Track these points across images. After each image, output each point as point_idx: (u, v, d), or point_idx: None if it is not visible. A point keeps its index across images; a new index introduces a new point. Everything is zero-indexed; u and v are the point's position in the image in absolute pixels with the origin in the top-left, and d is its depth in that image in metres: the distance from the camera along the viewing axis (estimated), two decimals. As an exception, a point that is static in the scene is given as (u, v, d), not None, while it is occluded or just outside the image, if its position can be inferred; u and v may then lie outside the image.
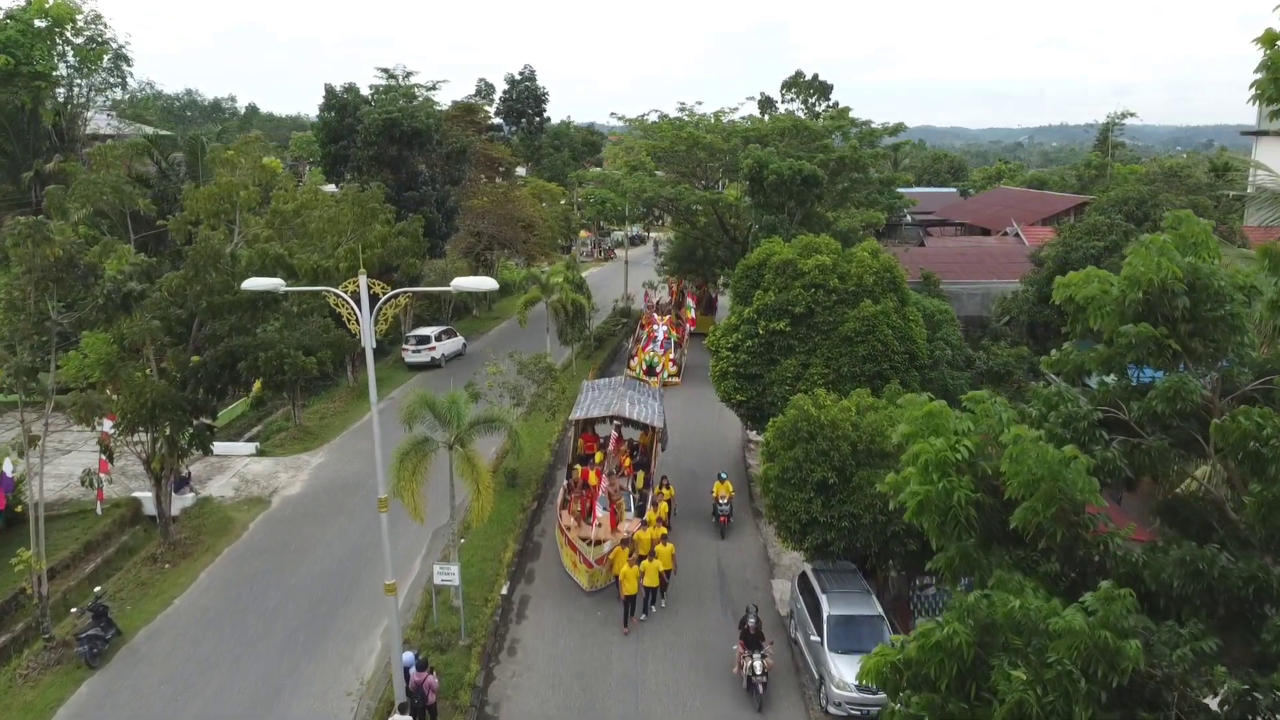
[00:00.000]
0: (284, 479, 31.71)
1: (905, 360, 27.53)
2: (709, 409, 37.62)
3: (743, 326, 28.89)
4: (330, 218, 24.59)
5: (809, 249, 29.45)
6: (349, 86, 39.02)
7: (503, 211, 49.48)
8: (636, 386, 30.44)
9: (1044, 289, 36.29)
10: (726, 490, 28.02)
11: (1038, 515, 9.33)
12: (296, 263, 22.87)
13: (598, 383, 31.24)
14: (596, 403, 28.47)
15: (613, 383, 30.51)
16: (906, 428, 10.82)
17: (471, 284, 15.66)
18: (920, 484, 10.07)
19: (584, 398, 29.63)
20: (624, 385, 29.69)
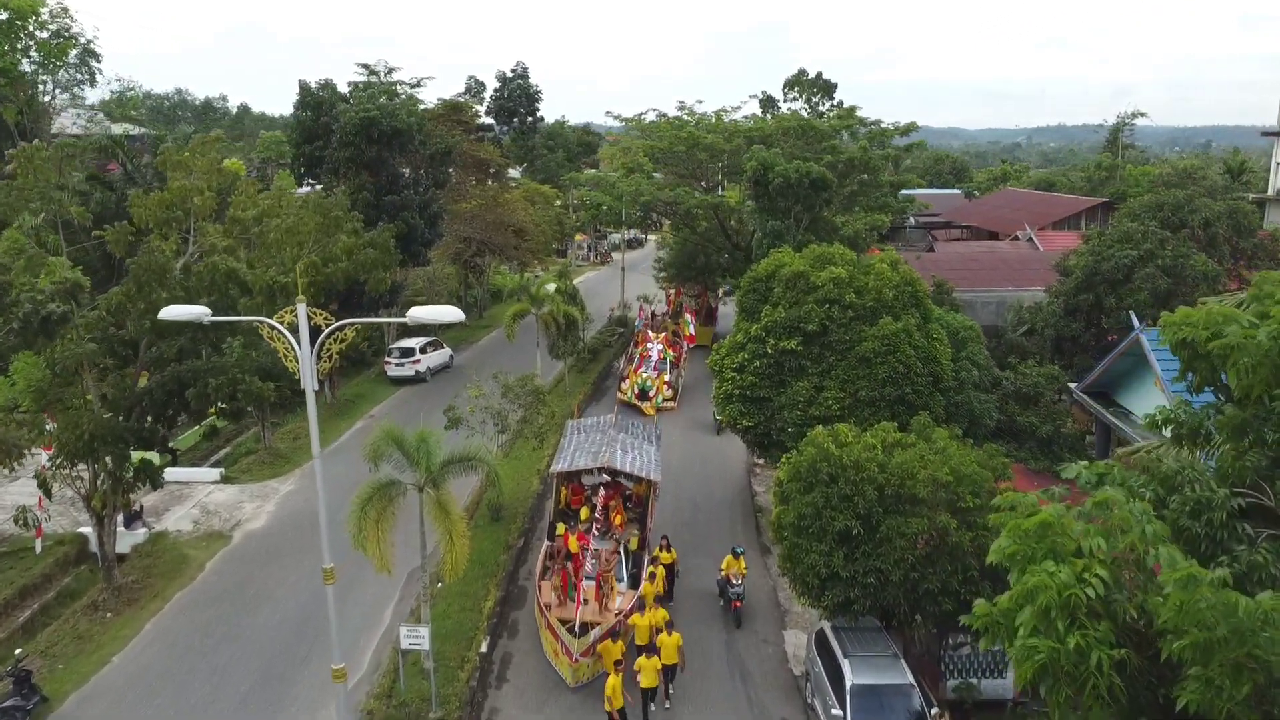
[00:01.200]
0: (248, 510, 29.10)
1: (929, 383, 24.98)
2: (710, 429, 35.08)
3: (749, 345, 26.33)
4: (289, 227, 22.04)
5: (822, 260, 26.89)
6: (325, 83, 36.43)
7: (491, 216, 46.86)
8: (629, 428, 26.55)
9: (1071, 300, 33.80)
10: (739, 569, 22.57)
11: (1224, 698, 6.46)
12: (251, 279, 20.25)
13: (584, 423, 27.40)
14: (582, 449, 24.54)
15: (601, 423, 26.57)
16: (1010, 543, 8.14)
17: (431, 314, 13.07)
18: (1039, 638, 7.04)
19: (568, 442, 25.68)
20: (614, 427, 25.64)
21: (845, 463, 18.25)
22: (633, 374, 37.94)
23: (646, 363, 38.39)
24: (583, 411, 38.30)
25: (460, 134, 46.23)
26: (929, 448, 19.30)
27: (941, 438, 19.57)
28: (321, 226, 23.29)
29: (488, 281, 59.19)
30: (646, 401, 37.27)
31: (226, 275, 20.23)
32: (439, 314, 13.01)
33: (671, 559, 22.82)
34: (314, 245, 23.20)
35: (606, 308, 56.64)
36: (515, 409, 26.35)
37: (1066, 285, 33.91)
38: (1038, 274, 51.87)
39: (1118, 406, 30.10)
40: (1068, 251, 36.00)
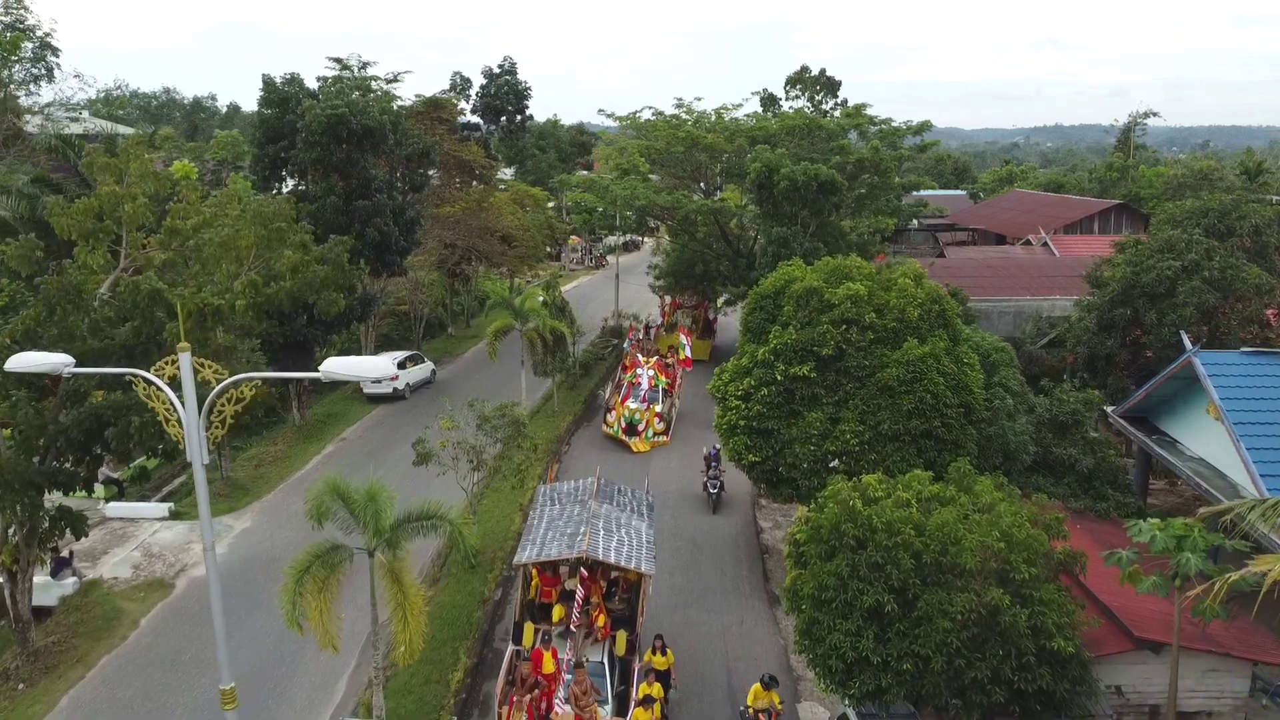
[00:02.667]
0: (196, 552, 26.05)
1: (960, 415, 22.05)
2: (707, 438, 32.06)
3: (756, 370, 23.41)
4: (222, 240, 19.09)
5: (837, 274, 23.97)
6: (291, 77, 33.44)
7: (475, 221, 43.84)
8: (614, 495, 21.59)
9: (1106, 315, 30.90)
10: (772, 702, 17.33)
11: None
12: (179, 301, 17.30)
13: (558, 490, 22.07)
14: (555, 530, 19.31)
15: (579, 489, 21.46)
16: None
17: (350, 370, 10.08)
18: None
19: (538, 516, 20.53)
20: (596, 496, 20.56)
21: (875, 524, 15.31)
22: (619, 405, 33.72)
23: (635, 391, 34.18)
24: (571, 437, 35.31)
25: (443, 133, 43.26)
26: (971, 502, 16.38)
27: (986, 490, 16.64)
28: (263, 239, 20.36)
29: (476, 288, 56.17)
30: (635, 437, 33.12)
31: (150, 296, 17.25)
32: (361, 369, 10.04)
33: (668, 664, 18.53)
34: (255, 261, 20.31)
35: (600, 317, 53.65)
36: (492, 443, 23.36)
37: (1100, 298, 31.01)
38: (1056, 282, 49.06)
39: (1161, 434, 27.23)
40: (1099, 261, 33.06)
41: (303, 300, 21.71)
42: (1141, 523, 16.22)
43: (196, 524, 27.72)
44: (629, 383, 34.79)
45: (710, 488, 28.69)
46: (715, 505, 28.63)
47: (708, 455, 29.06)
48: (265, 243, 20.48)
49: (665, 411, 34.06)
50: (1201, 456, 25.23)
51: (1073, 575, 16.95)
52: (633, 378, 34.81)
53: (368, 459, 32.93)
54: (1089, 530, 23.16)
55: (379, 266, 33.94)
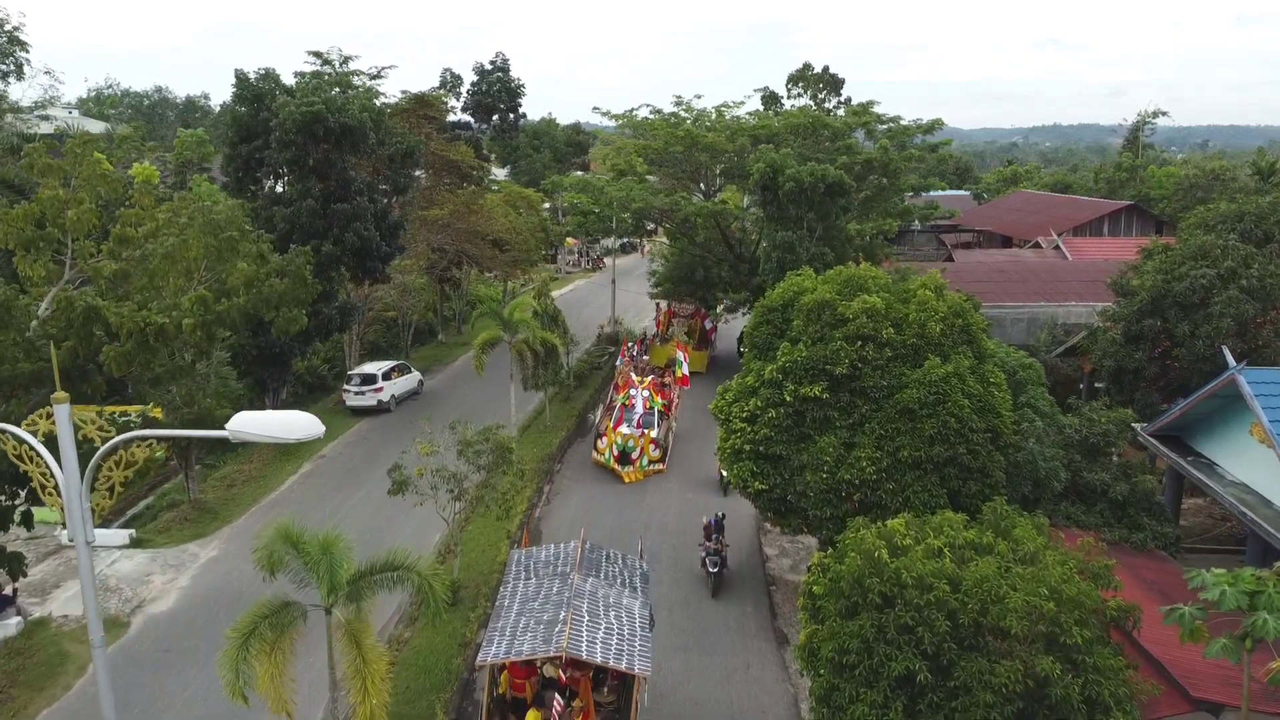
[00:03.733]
0: (157, 585, 24.13)
1: (986, 440, 20.10)
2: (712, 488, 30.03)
3: (763, 390, 21.45)
4: (168, 251, 17.13)
5: (851, 285, 22.03)
6: (266, 72, 31.44)
7: (463, 225, 41.83)
8: (601, 564, 18.05)
9: (1134, 326, 28.96)
10: None
11: None
12: (120, 320, 15.35)
13: (535, 557, 18.43)
14: (529, 614, 15.89)
15: (560, 557, 18.13)
16: None
17: (263, 430, 8.10)
18: None
19: (509, 595, 16.99)
20: (580, 567, 17.24)
21: (904, 579, 13.35)
22: (610, 430, 30.55)
23: (628, 415, 30.92)
24: (564, 454, 33.30)
25: (430, 132, 41.28)
26: (1011, 549, 14.43)
27: (1027, 536, 14.69)
28: (213, 250, 18.40)
29: (467, 293, 54.19)
30: (628, 466, 30.07)
31: (85, 314, 15.30)
32: (277, 427, 8.05)
33: None
34: (206, 274, 18.36)
35: (595, 324, 51.69)
36: (475, 470, 21.38)
37: (1127, 308, 29.05)
38: (1070, 287, 47.15)
39: (1196, 455, 25.31)
40: (1125, 267, 31.13)
41: (258, 317, 19.74)
42: (1205, 574, 14.28)
43: (159, 553, 25.83)
44: (622, 405, 31.74)
45: (710, 565, 23.46)
46: (715, 588, 23.50)
47: (707, 525, 24.30)
48: (216, 254, 18.52)
49: (661, 437, 31.05)
50: (1244, 482, 23.34)
51: (1124, 630, 15.02)
52: (625, 399, 31.73)
53: (347, 479, 31.00)
54: (1127, 566, 21.21)
55: (360, 273, 31.93)
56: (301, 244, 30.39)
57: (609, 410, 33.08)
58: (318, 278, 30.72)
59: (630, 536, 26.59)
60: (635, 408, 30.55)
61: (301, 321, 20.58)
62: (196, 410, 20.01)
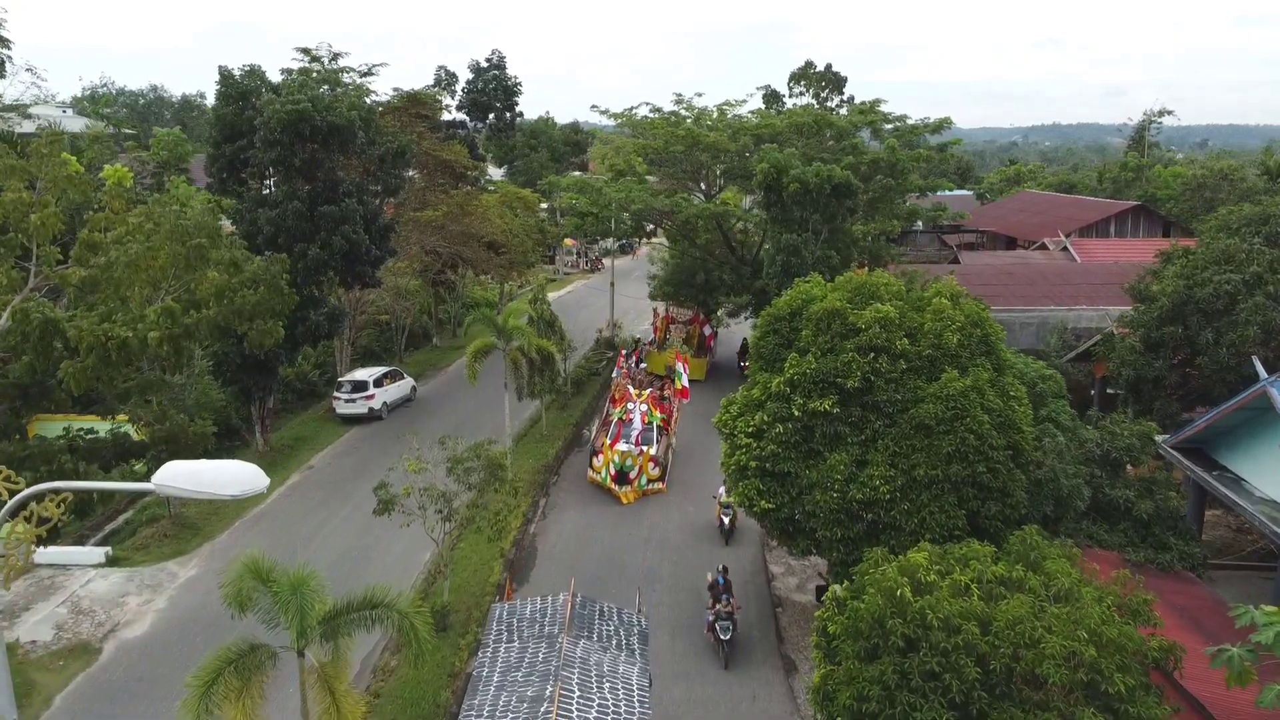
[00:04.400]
0: (132, 607, 22.97)
1: (1007, 458, 18.96)
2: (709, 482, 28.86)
3: (769, 404, 20.31)
4: (132, 260, 15.97)
5: (863, 293, 20.90)
6: (251, 69, 30.27)
7: (457, 227, 40.63)
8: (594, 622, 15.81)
9: (1154, 334, 27.83)
10: None
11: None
12: (79, 334, 14.20)
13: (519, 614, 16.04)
14: (510, 690, 13.89)
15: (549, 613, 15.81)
16: None
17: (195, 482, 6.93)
18: None
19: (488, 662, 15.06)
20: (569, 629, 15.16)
21: (930, 620, 12.21)
22: (607, 447, 28.68)
23: (626, 430, 29.04)
24: (561, 466, 32.14)
25: (423, 131, 40.09)
26: (1043, 585, 13.29)
27: (1061, 570, 13.54)
28: (180, 258, 17.21)
29: (463, 294, 53.03)
30: (626, 486, 28.34)
31: (42, 328, 14.14)
32: (210, 480, 6.89)
33: None
34: (174, 283, 17.20)
35: (594, 327, 50.53)
36: (465, 489, 20.20)
37: (1147, 314, 27.93)
38: (1080, 290, 46.02)
39: (1222, 470, 24.19)
40: (1143, 271, 30.00)
41: (230, 330, 18.58)
42: (1253, 612, 13.11)
43: (136, 572, 24.66)
44: (619, 419, 29.86)
45: (720, 632, 20.60)
46: (728, 658, 20.61)
47: (713, 583, 21.78)
48: (184, 262, 17.35)
49: (661, 454, 29.26)
50: (1274, 498, 22.24)
51: (1164, 671, 13.88)
52: (623, 413, 29.82)
53: (335, 492, 29.85)
54: (1156, 591, 20.05)
55: (349, 278, 30.77)
56: (288, 247, 29.32)
57: (605, 425, 31.30)
58: (305, 283, 29.68)
59: (630, 554, 25.53)
60: (633, 423, 28.76)
61: (277, 334, 19.42)
62: (169, 426, 18.90)
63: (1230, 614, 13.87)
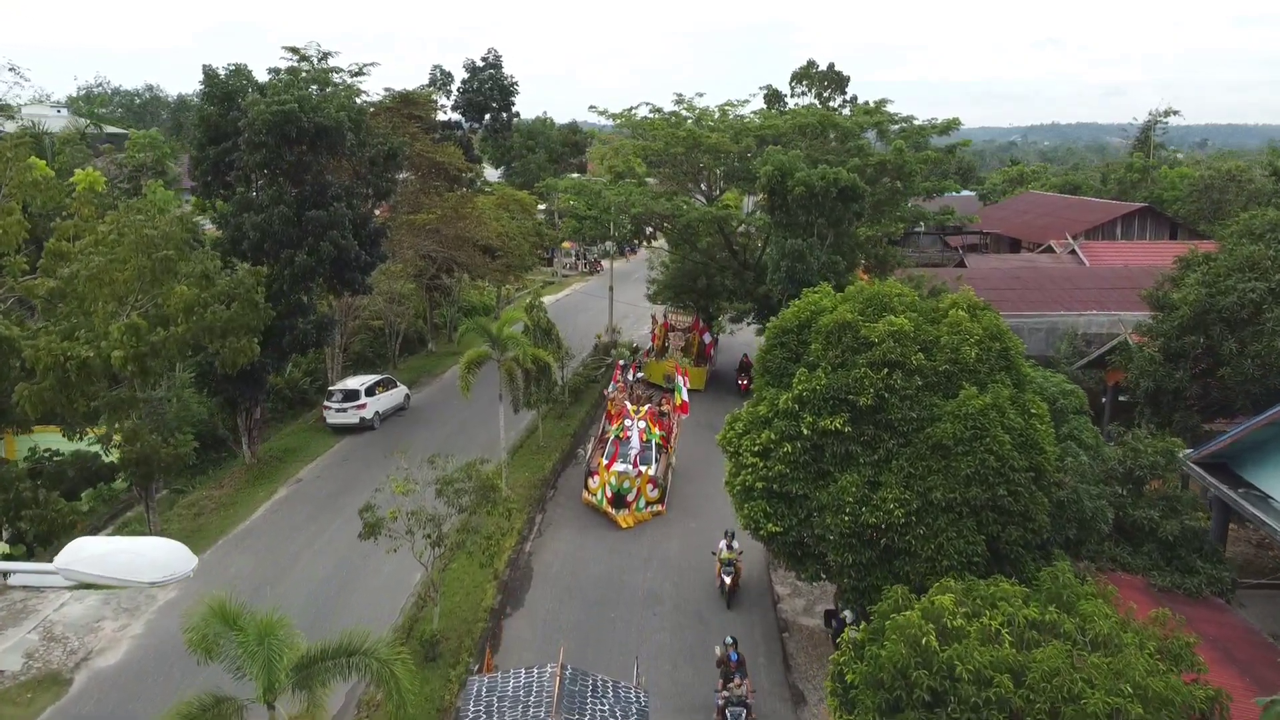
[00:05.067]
0: (107, 633, 21.90)
1: (1029, 480, 17.91)
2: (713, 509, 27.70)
3: (777, 422, 19.25)
4: (93, 273, 14.90)
5: (875, 305, 19.84)
6: (237, 68, 29.20)
7: (451, 231, 39.54)
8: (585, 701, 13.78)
9: (1173, 343, 26.79)
10: None
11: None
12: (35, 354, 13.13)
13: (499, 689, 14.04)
14: None
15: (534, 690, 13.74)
16: None
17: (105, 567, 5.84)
18: None
19: None
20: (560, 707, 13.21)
21: (959, 672, 11.16)
22: (603, 469, 26.95)
23: (623, 450, 27.23)
24: (558, 479, 31.04)
25: (416, 132, 39.01)
26: (1079, 629, 12.25)
27: (1097, 613, 12.49)
28: (148, 270, 16.11)
29: (459, 298, 51.94)
30: (623, 509, 26.62)
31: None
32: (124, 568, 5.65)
33: None
34: (142, 297, 16.14)
35: (593, 333, 49.44)
36: (454, 513, 19.11)
37: (1166, 323, 26.89)
38: (1090, 295, 44.99)
39: (1248, 486, 23.13)
40: (1161, 278, 28.95)
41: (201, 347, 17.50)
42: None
43: (113, 594, 23.49)
44: (615, 438, 28.08)
45: (731, 718, 18.36)
46: None
47: (723, 659, 19.27)
48: (150, 275, 16.27)
49: (660, 475, 27.56)
50: (1306, 519, 21.22)
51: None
52: (620, 431, 28.04)
53: (323, 507, 28.77)
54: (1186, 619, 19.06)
55: (338, 285, 29.69)
56: (274, 253, 28.25)
57: (601, 443, 29.60)
58: (291, 290, 28.60)
59: (630, 574, 24.45)
60: (630, 441, 27.04)
61: (252, 352, 18.35)
62: (141, 448, 17.81)
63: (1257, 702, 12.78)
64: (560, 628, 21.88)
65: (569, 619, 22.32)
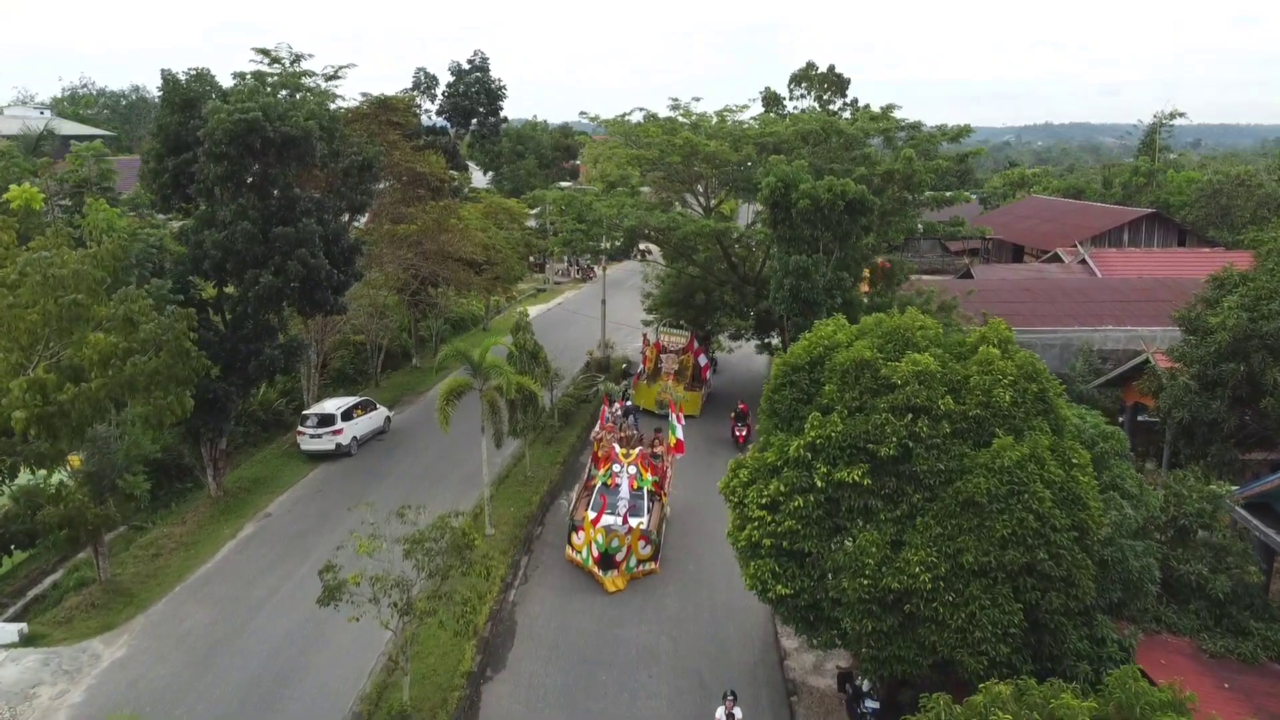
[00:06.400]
0: (44, 701, 19.71)
1: (1072, 540, 15.90)
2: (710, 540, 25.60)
3: (787, 471, 17.21)
4: (-8, 318, 12.82)
5: (896, 339, 17.82)
6: (199, 73, 27.02)
7: (432, 245, 37.35)
8: None
9: (1209, 371, 24.83)
10: None
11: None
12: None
13: None
14: None
15: None
16: None
17: None
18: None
19: None
20: None
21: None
22: (589, 524, 23.61)
23: (612, 500, 24.00)
24: (545, 515, 28.88)
25: (397, 138, 36.85)
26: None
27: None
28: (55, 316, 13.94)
29: (445, 309, 49.76)
30: (612, 571, 23.54)
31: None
32: None
33: None
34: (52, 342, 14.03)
35: (584, 347, 47.33)
36: (421, 578, 16.96)
37: (1202, 349, 24.91)
38: (1105, 308, 43.08)
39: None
40: (1194, 299, 26.98)
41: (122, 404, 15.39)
42: None
43: (55, 652, 21.40)
44: (603, 485, 24.73)
45: None
46: None
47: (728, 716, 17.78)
48: (58, 323, 14.13)
49: (653, 528, 24.39)
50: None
51: None
52: (607, 477, 24.76)
53: (292, 547, 26.62)
54: (1243, 691, 17.09)
55: (307, 306, 27.55)
56: (238, 274, 26.11)
57: (586, 490, 26.18)
58: (256, 313, 26.49)
59: (623, 628, 22.31)
60: (619, 489, 24.03)
61: (183, 408, 16.17)
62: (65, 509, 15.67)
63: None
64: (546, 694, 19.82)
65: (555, 682, 20.24)
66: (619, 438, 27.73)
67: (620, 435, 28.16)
